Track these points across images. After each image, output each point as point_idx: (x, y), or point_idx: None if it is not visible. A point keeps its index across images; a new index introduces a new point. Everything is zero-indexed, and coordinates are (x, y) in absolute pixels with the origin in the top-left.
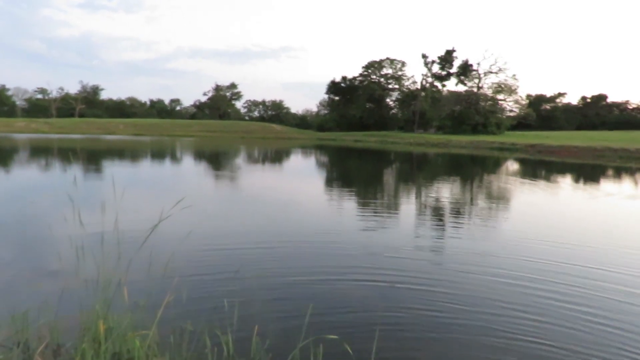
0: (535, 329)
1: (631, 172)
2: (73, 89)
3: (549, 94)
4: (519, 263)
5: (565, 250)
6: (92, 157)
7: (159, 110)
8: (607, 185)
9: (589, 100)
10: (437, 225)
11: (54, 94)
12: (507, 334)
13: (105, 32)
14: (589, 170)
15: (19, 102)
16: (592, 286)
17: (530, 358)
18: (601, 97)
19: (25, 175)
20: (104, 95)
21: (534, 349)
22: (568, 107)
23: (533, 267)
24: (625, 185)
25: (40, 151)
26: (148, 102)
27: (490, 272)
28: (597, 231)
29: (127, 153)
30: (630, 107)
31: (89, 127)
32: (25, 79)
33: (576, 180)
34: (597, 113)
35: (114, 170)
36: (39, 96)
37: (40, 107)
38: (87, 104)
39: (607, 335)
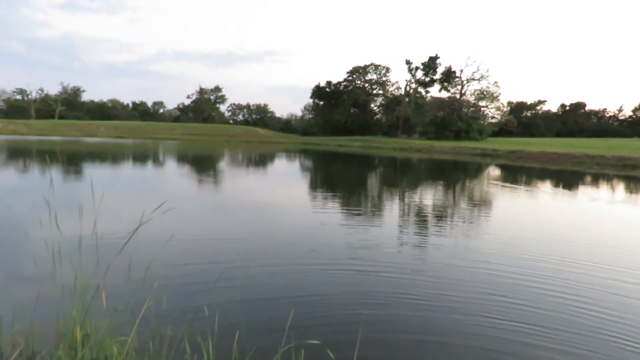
0: (519, 313)
1: (608, 178)
2: (53, 90)
3: (529, 101)
4: (500, 256)
5: (541, 246)
6: (72, 160)
7: (142, 112)
8: (587, 191)
9: (568, 108)
10: (420, 232)
11: (34, 95)
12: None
13: (87, 33)
14: (567, 177)
15: None
16: (562, 272)
17: (508, 334)
18: (580, 105)
19: (2, 178)
20: (85, 97)
21: (511, 327)
22: (548, 115)
23: (515, 261)
24: (604, 191)
25: (18, 153)
26: (130, 105)
27: (474, 266)
28: (575, 230)
29: (108, 156)
30: (608, 115)
31: (69, 129)
32: (3, 80)
33: (555, 186)
34: (576, 120)
35: (94, 172)
36: (18, 97)
37: (19, 108)
38: (68, 105)
39: (575, 311)
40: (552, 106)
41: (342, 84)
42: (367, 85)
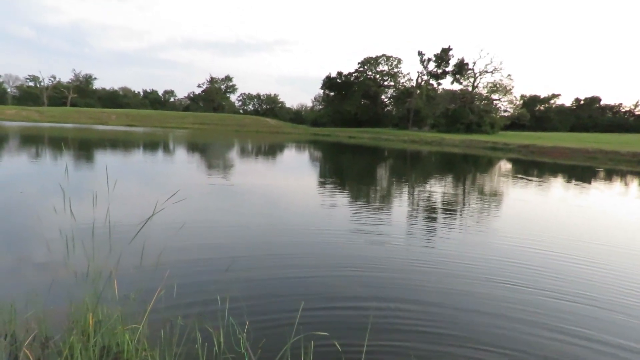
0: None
1: (622, 174)
2: (65, 77)
3: (543, 94)
4: (511, 238)
5: (554, 229)
6: (84, 147)
7: (152, 101)
8: (599, 185)
9: (582, 102)
10: (430, 221)
11: (46, 82)
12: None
13: (97, 19)
14: (580, 172)
15: (10, 89)
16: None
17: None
18: (595, 100)
19: (15, 164)
20: (96, 85)
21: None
22: (562, 109)
23: (527, 241)
24: (616, 185)
25: (30, 140)
26: (141, 93)
27: (483, 265)
28: (582, 220)
29: (120, 144)
30: (623, 110)
31: (81, 116)
32: (14, 66)
33: (568, 181)
34: (590, 115)
35: (106, 160)
36: (30, 84)
37: (31, 95)
38: (79, 93)
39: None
40: (566, 100)
41: (353, 74)
42: (378, 76)
